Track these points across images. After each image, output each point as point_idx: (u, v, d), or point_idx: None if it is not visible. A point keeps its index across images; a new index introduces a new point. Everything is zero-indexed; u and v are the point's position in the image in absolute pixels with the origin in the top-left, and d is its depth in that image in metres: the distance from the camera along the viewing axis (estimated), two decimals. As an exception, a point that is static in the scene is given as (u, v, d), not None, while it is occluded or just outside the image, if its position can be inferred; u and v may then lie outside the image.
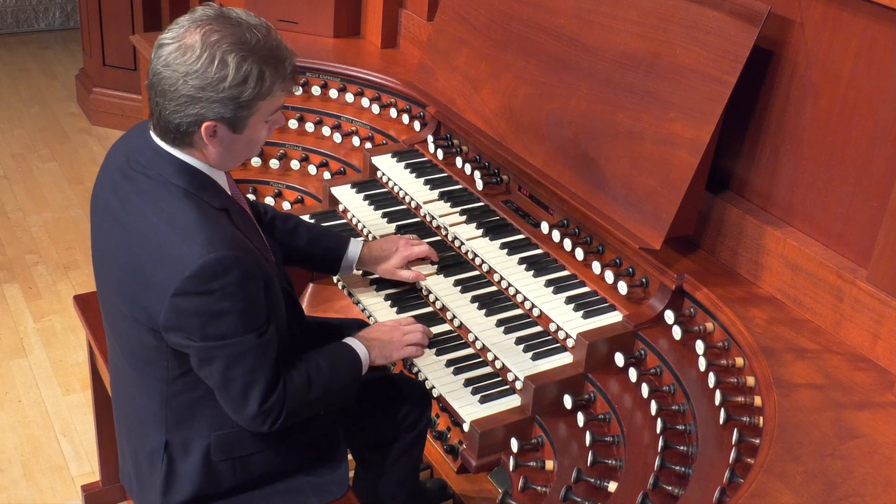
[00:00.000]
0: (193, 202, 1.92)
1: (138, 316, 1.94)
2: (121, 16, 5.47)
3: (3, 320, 4.04)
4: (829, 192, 2.28)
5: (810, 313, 2.27)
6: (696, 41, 2.31)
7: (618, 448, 2.20)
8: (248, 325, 1.92)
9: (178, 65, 1.85)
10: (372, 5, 3.84)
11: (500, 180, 2.88)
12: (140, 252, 1.90)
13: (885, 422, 1.95)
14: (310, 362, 2.10)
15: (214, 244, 1.86)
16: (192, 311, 1.87)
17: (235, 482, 2.15)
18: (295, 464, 2.22)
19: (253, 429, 2.03)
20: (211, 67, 1.84)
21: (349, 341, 2.25)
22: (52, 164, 5.35)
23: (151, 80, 1.91)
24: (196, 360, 1.95)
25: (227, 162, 2.01)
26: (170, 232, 1.88)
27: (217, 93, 1.86)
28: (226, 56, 1.84)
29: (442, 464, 2.96)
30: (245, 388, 1.96)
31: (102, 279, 2.08)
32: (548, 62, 2.70)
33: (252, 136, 1.98)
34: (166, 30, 1.91)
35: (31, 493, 3.22)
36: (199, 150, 1.96)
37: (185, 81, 1.85)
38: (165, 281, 1.86)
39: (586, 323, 2.37)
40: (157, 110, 1.92)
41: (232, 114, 1.89)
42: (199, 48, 1.84)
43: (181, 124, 1.90)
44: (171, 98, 1.87)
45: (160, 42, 1.89)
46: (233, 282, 1.87)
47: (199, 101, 1.86)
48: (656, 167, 2.34)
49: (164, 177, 1.94)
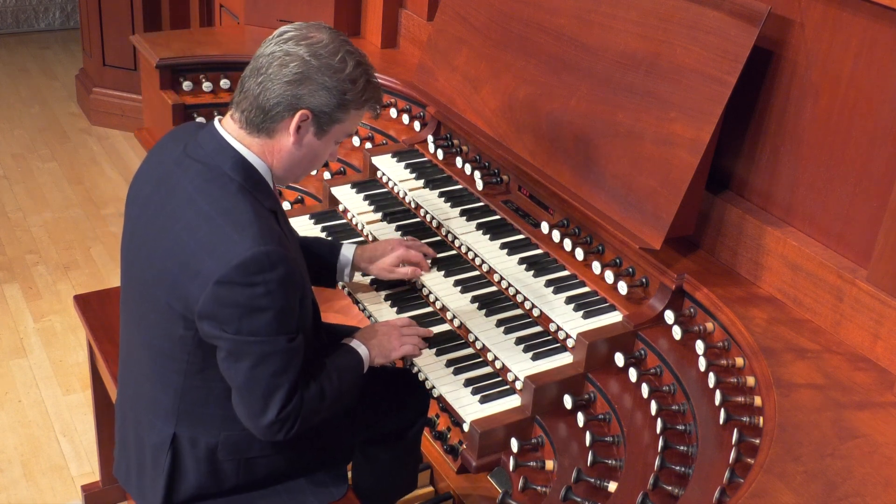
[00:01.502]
0: (248, 197, 1.95)
1: (174, 303, 1.94)
2: (121, 16, 5.47)
3: (3, 320, 4.04)
4: (829, 192, 2.28)
5: (810, 313, 2.27)
6: (696, 41, 2.31)
7: (618, 448, 2.20)
8: (281, 327, 1.93)
9: (302, 46, 1.95)
10: (372, 5, 3.84)
11: (500, 180, 2.89)
12: (189, 238, 1.91)
13: (885, 422, 1.95)
14: (321, 371, 2.10)
15: (265, 238, 1.88)
16: (231, 302, 1.88)
17: (237, 482, 2.16)
18: (297, 467, 2.23)
19: (266, 437, 2.03)
20: (335, 57, 1.96)
21: (351, 343, 2.25)
22: (52, 164, 5.35)
23: (258, 63, 1.97)
24: (224, 353, 1.95)
25: (288, 170, 2.05)
26: (222, 222, 1.89)
27: (331, 79, 1.95)
28: (347, 56, 1.98)
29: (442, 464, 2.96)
30: (267, 392, 1.96)
31: (136, 267, 2.07)
32: (548, 62, 2.70)
33: (321, 150, 2.06)
34: (286, 26, 2.02)
35: (31, 493, 3.22)
36: (272, 143, 2.00)
37: (305, 61, 1.94)
38: (212, 268, 1.87)
39: (586, 323, 2.37)
40: (253, 91, 1.96)
41: (330, 109, 1.97)
42: (328, 40, 1.97)
43: (279, 104, 1.95)
44: (281, 76, 1.94)
45: (282, 30, 1.99)
46: (276, 279, 1.88)
47: (309, 83, 1.94)
48: (656, 167, 2.34)
49: (222, 169, 1.97)
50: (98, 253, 4.56)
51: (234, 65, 3.67)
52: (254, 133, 1.99)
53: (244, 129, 1.99)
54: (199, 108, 3.58)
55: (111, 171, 5.33)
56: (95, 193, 5.10)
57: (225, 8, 4.49)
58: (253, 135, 1.99)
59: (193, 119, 3.56)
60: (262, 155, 2.01)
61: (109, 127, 5.75)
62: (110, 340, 2.75)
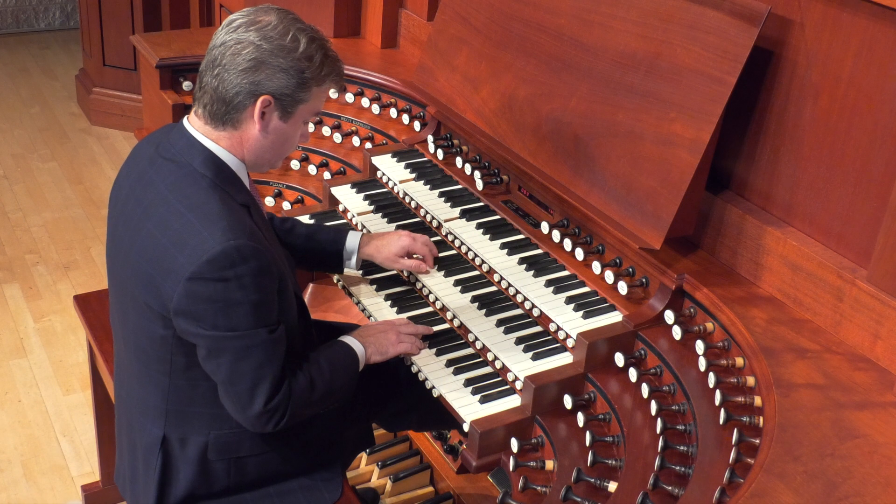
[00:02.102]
0: (218, 193, 1.95)
1: (151, 301, 1.95)
2: (121, 16, 5.47)
3: (3, 320, 4.04)
4: (829, 192, 2.28)
5: (810, 313, 2.27)
6: (696, 41, 2.31)
7: (618, 448, 2.20)
8: (259, 319, 1.93)
9: (251, 32, 1.94)
10: (372, 5, 3.84)
11: (500, 180, 2.88)
12: (160, 236, 1.92)
13: (885, 422, 1.95)
14: (311, 363, 2.10)
15: (235, 232, 1.88)
16: (205, 297, 1.88)
17: (229, 483, 2.16)
18: (289, 467, 2.22)
19: (255, 429, 2.03)
20: (286, 38, 1.95)
21: (346, 339, 2.26)
22: (52, 164, 5.35)
23: (212, 55, 1.96)
24: (205, 351, 1.95)
25: (259, 157, 2.05)
26: (192, 218, 1.90)
27: (286, 60, 1.94)
28: (298, 34, 1.97)
29: (442, 464, 2.97)
30: (252, 384, 1.96)
31: (117, 266, 2.09)
32: (548, 62, 2.70)
33: (290, 133, 2.04)
34: (234, 14, 2.00)
35: (31, 493, 3.22)
36: (239, 134, 1.99)
37: (257, 46, 1.93)
38: (183, 264, 1.87)
39: (586, 323, 2.37)
40: (211, 85, 1.96)
41: (291, 90, 1.96)
42: (276, 21, 1.96)
43: (238, 93, 1.94)
44: (235, 65, 1.93)
45: (230, 19, 1.98)
46: (249, 272, 1.89)
47: (265, 67, 1.93)
48: (656, 167, 2.34)
49: (192, 166, 1.97)
50: (98, 253, 4.56)
51: (234, 65, 3.67)
52: (219, 126, 2.00)
53: (209, 124, 2.00)
54: (199, 108, 3.58)
55: (111, 171, 5.33)
56: (95, 193, 5.10)
57: (225, 8, 4.49)
58: (219, 128, 2.00)
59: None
60: (231, 148, 2.01)
61: (109, 127, 5.76)
62: (110, 340, 2.75)
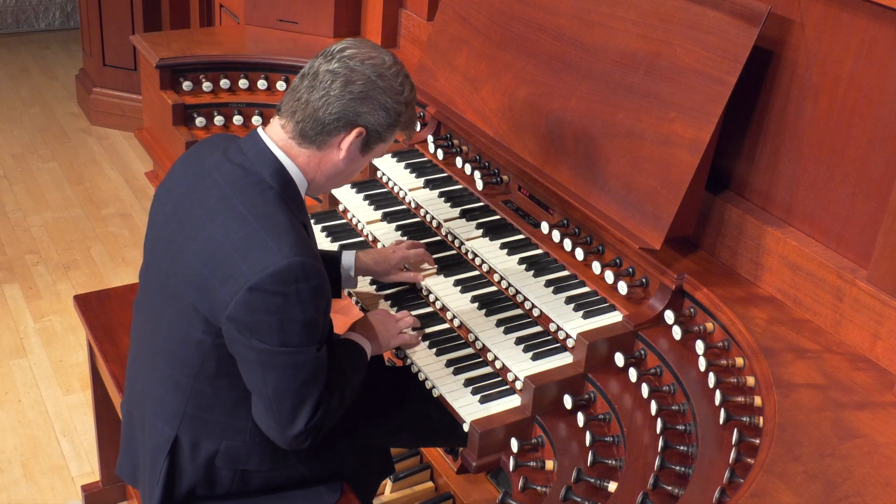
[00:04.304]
0: (284, 207, 1.95)
1: (199, 304, 1.94)
2: (121, 16, 5.47)
3: (3, 320, 4.04)
4: (829, 192, 2.28)
5: (810, 313, 2.27)
6: (696, 41, 2.31)
7: (618, 448, 2.20)
8: (311, 337, 1.94)
9: (368, 66, 1.98)
10: (372, 5, 3.84)
11: (500, 180, 2.89)
12: (223, 240, 1.90)
13: (885, 422, 1.95)
14: (337, 374, 2.10)
15: (302, 249, 1.89)
16: (263, 309, 1.87)
17: (230, 490, 2.16)
18: (292, 483, 2.23)
19: (291, 447, 2.03)
20: (398, 79, 2.03)
21: (354, 338, 2.28)
22: (52, 164, 5.35)
23: (321, 77, 1.98)
24: (252, 362, 1.94)
25: (329, 181, 2.08)
26: (258, 227, 1.89)
27: (391, 101, 2.01)
28: (405, 80, 2.06)
29: (442, 464, 2.96)
30: (296, 403, 1.97)
31: (161, 266, 2.05)
32: (548, 62, 2.70)
33: (360, 166, 2.11)
34: (339, 42, 2.04)
35: (31, 493, 3.22)
36: (320, 156, 2.01)
37: (371, 81, 1.98)
38: (245, 273, 1.86)
39: (586, 323, 2.37)
40: (314, 105, 1.97)
41: (383, 129, 2.02)
42: (391, 62, 2.04)
43: (339, 119, 1.97)
44: (346, 93, 1.96)
45: (340, 46, 2.02)
46: (308, 290, 1.89)
47: (371, 101, 1.98)
48: (656, 167, 2.34)
49: (262, 175, 1.97)
50: (98, 253, 4.56)
51: (234, 65, 3.67)
52: (304, 144, 2.00)
53: (294, 139, 2.00)
54: (199, 108, 3.58)
55: (111, 171, 5.33)
56: (95, 193, 5.10)
57: (225, 8, 4.49)
58: (303, 145, 2.00)
59: (193, 119, 3.56)
60: (306, 167, 2.02)
61: (109, 127, 5.76)
62: (110, 340, 2.75)
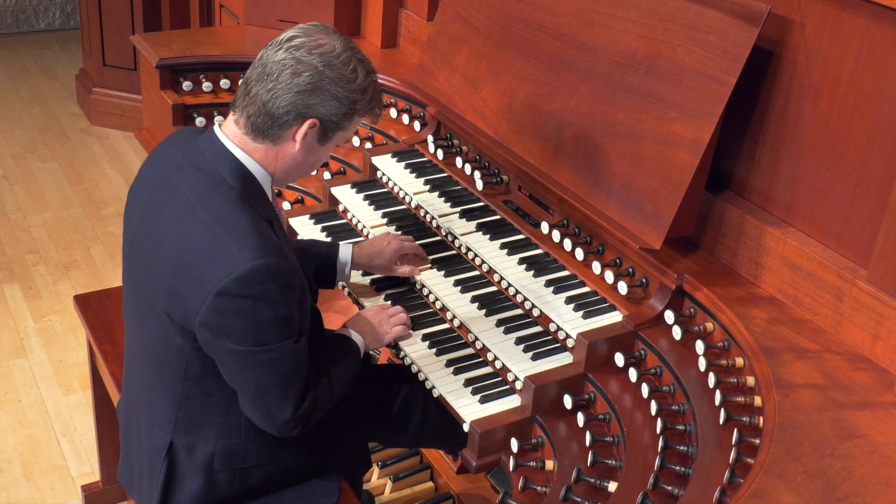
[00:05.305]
0: (246, 207, 1.94)
1: (172, 311, 1.94)
2: (121, 16, 5.47)
3: (3, 320, 4.04)
4: (829, 192, 2.28)
5: (810, 313, 2.27)
6: (696, 41, 2.31)
7: (618, 448, 2.20)
8: (286, 332, 1.94)
9: (315, 56, 1.94)
10: (372, 5, 3.84)
11: (500, 180, 2.88)
12: (187, 247, 1.91)
13: (885, 422, 1.95)
14: (327, 365, 2.11)
15: (265, 250, 1.88)
16: (233, 312, 1.88)
17: (232, 493, 2.16)
18: (289, 476, 2.23)
19: (282, 434, 2.04)
20: (347, 67, 1.96)
21: (347, 332, 2.28)
22: (52, 164, 5.35)
23: (268, 69, 1.95)
24: (231, 364, 1.95)
25: (289, 173, 2.06)
26: (220, 232, 1.89)
27: (343, 90, 1.96)
28: (357, 66, 1.99)
29: (442, 464, 2.97)
30: (281, 395, 1.97)
31: (136, 272, 2.06)
32: (548, 62, 2.70)
33: (321, 155, 2.07)
34: (288, 30, 2.00)
35: (31, 493, 3.22)
36: (276, 149, 2.00)
37: (319, 71, 1.93)
38: (212, 279, 1.86)
39: (586, 323, 2.37)
40: (262, 98, 1.95)
41: (338, 118, 1.98)
42: (340, 49, 1.96)
43: (289, 112, 1.94)
44: (294, 85, 1.93)
45: (290, 36, 1.97)
46: (276, 289, 1.89)
47: (321, 93, 1.94)
48: (656, 167, 2.34)
49: (221, 176, 1.96)
50: (98, 253, 4.57)
51: (233, 65, 3.67)
52: (258, 139, 1.98)
53: (248, 134, 1.99)
54: (199, 108, 3.58)
55: (111, 171, 5.33)
56: (95, 193, 5.10)
57: (225, 8, 4.49)
58: (257, 140, 1.99)
59: (193, 119, 3.56)
60: (264, 161, 2.00)
61: (109, 127, 5.76)
62: (110, 340, 2.75)
